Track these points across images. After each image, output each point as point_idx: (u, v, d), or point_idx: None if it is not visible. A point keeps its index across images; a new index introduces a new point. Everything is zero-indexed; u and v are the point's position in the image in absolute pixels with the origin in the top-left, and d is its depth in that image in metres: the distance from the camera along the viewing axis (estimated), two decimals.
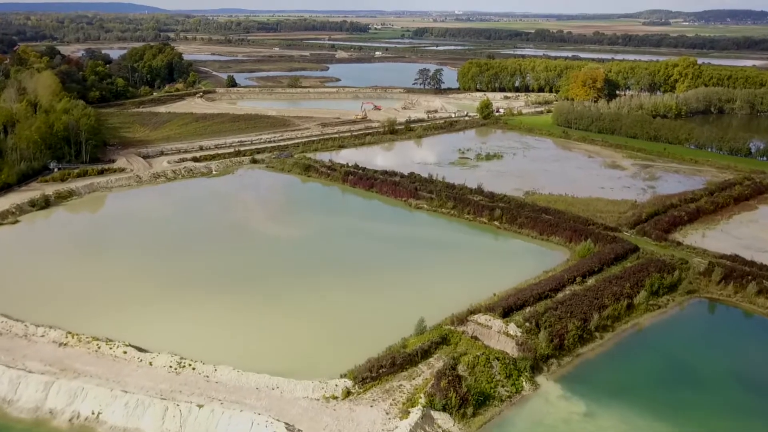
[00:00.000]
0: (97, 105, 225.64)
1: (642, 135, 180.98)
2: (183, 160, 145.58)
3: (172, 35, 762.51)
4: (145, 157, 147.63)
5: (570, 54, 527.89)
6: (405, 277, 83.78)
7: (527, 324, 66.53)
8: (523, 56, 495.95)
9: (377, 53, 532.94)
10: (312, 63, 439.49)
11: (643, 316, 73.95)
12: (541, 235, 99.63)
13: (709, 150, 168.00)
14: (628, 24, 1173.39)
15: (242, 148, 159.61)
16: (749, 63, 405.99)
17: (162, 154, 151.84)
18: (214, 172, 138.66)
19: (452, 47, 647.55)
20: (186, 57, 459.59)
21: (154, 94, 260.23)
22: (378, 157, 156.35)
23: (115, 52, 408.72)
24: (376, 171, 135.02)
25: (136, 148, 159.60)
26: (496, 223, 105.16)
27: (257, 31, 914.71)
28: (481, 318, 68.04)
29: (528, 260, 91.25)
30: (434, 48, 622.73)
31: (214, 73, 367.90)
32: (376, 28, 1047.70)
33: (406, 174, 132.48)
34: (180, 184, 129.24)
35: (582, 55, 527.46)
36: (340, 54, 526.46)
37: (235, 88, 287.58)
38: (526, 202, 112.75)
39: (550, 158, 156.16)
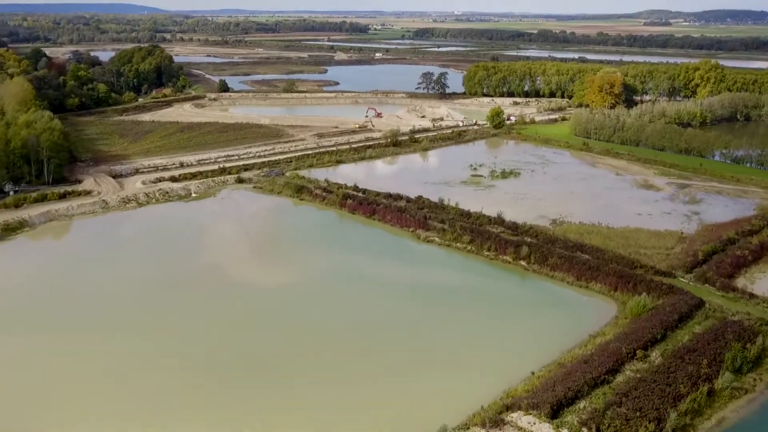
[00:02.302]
0: (76, 113, 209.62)
1: (671, 147, 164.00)
2: (160, 179, 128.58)
3: (168, 36, 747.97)
4: (117, 176, 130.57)
5: (576, 55, 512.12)
6: (416, 349, 66.45)
7: (585, 430, 49.59)
8: (527, 57, 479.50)
9: (377, 54, 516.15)
10: (310, 65, 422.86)
11: (728, 406, 56.92)
12: (578, 280, 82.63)
13: (748, 165, 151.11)
14: (629, 24, 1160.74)
15: (228, 164, 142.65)
16: (762, 64, 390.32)
17: (137, 172, 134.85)
18: (193, 195, 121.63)
19: (454, 48, 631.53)
20: (180, 59, 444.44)
21: (140, 100, 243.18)
22: (380, 175, 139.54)
23: (107, 54, 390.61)
24: (378, 194, 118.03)
25: (110, 164, 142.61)
26: (523, 263, 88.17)
27: (256, 32, 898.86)
28: (522, 419, 51.12)
29: (567, 317, 74.31)
30: (436, 49, 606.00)
31: (207, 76, 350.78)
32: (375, 29, 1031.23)
33: (412, 197, 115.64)
34: (152, 211, 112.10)
35: (589, 56, 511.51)
36: (339, 55, 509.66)
37: (227, 93, 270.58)
38: (556, 236, 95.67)
39: (574, 176, 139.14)
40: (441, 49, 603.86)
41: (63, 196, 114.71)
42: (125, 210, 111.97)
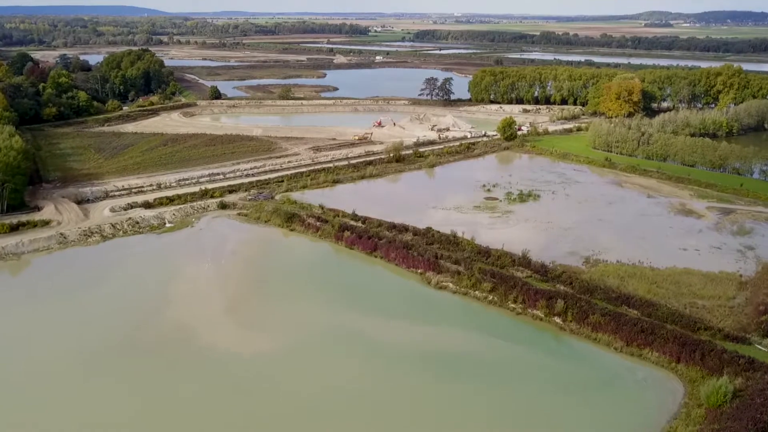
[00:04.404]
0: (53, 124, 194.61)
1: (703, 163, 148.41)
2: (131, 205, 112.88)
3: (165, 39, 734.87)
4: (84, 201, 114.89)
5: (582, 58, 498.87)
6: None
7: None
8: (532, 60, 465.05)
9: (378, 58, 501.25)
10: (308, 69, 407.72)
11: None
12: (628, 346, 66.97)
13: None
14: (630, 26, 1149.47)
15: (211, 185, 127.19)
16: None
17: (107, 195, 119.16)
18: (167, 225, 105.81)
19: (456, 51, 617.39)
20: (175, 63, 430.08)
21: (125, 108, 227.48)
22: (382, 198, 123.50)
23: (101, 57, 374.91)
24: (380, 224, 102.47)
25: (80, 185, 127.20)
26: (558, 320, 72.53)
27: (255, 34, 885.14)
28: None
29: (622, 402, 58.64)
30: (437, 52, 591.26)
31: (200, 81, 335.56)
32: (376, 31, 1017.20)
33: (420, 229, 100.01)
34: (117, 246, 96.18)
35: (595, 59, 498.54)
36: (339, 59, 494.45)
37: (219, 101, 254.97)
38: (594, 283, 79.96)
39: (600, 199, 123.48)
40: (443, 52, 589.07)
41: (16, 228, 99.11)
42: (86, 245, 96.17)
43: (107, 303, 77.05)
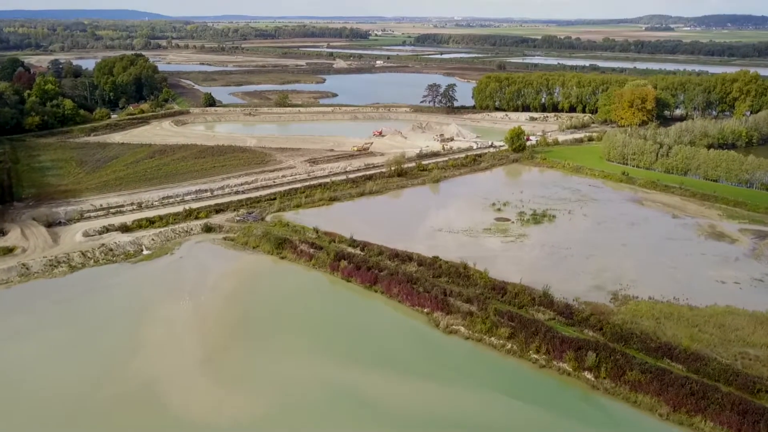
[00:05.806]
0: (36, 134, 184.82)
1: (728, 178, 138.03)
2: (107, 228, 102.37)
3: (164, 43, 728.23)
4: (55, 224, 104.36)
5: (586, 63, 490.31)
6: None
7: None
8: (535, 65, 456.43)
9: (378, 62, 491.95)
10: (307, 74, 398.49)
11: None
12: (675, 412, 56.46)
13: None
14: (631, 29, 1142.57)
15: (197, 204, 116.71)
16: None
17: (82, 217, 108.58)
18: (144, 252, 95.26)
19: (457, 55, 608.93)
20: (171, 68, 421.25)
21: (113, 116, 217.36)
22: (382, 219, 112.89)
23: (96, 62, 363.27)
24: (381, 251, 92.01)
25: (54, 203, 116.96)
26: (589, 375, 61.99)
27: (255, 38, 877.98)
28: None
29: None
30: (438, 56, 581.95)
31: (196, 87, 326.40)
32: (376, 35, 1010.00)
33: (426, 258, 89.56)
34: (85, 278, 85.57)
35: (599, 63, 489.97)
36: (339, 63, 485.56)
37: (213, 108, 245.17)
38: (628, 328, 69.27)
39: (621, 220, 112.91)
40: (444, 56, 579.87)
41: None
42: (51, 277, 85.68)
43: (61, 351, 66.46)
